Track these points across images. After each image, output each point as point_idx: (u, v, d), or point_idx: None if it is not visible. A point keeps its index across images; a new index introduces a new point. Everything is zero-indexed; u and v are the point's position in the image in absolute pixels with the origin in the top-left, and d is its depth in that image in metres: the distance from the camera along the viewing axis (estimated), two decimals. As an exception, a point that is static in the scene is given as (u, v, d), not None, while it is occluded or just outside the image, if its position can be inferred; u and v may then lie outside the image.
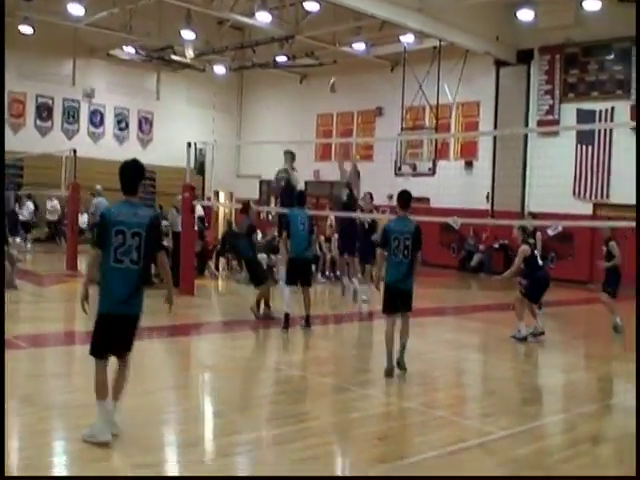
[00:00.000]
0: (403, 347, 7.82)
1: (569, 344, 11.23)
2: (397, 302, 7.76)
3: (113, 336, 5.15)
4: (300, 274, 10.47)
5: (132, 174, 5.29)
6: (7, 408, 5.97)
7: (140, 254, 5.09)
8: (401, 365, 7.78)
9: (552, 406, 7.34)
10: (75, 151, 18.00)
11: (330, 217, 20.09)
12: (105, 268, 5.10)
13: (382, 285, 7.89)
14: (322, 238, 17.80)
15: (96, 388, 5.11)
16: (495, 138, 21.40)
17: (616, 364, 9.69)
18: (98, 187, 17.00)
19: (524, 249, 10.38)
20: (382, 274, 8.02)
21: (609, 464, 5.54)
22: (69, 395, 6.50)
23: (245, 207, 12.02)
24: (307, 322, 10.31)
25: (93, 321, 5.15)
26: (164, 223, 14.64)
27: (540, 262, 10.60)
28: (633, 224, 8.80)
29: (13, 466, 4.74)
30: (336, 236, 16.34)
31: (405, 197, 8.03)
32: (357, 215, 12.73)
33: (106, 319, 5.12)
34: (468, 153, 22.80)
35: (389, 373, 7.63)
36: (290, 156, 13.25)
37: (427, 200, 22.68)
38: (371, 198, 13.63)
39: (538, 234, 12.49)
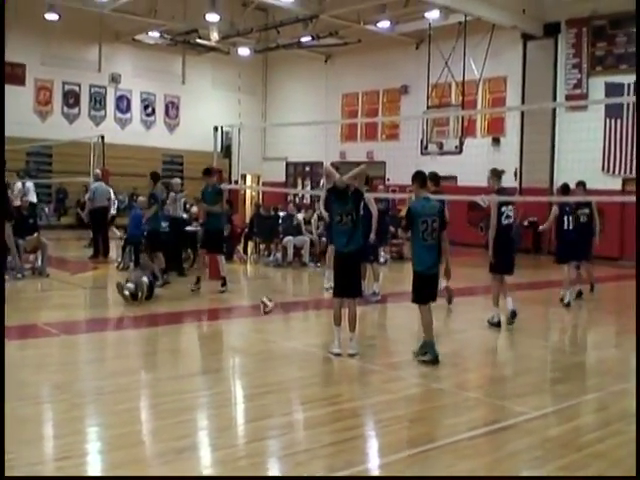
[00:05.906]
0: None
1: (600, 322, 11.15)
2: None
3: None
4: None
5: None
6: (40, 395, 6.13)
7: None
8: None
9: (584, 385, 7.30)
10: (103, 137, 18.12)
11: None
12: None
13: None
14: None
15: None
16: (523, 114, 21.12)
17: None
18: (97, 171, 16.99)
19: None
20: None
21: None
22: (101, 381, 6.59)
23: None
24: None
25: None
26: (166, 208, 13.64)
27: None
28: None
29: (49, 454, 4.84)
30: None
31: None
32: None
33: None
34: (495, 130, 22.56)
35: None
36: None
37: (454, 178, 22.51)
38: None
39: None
